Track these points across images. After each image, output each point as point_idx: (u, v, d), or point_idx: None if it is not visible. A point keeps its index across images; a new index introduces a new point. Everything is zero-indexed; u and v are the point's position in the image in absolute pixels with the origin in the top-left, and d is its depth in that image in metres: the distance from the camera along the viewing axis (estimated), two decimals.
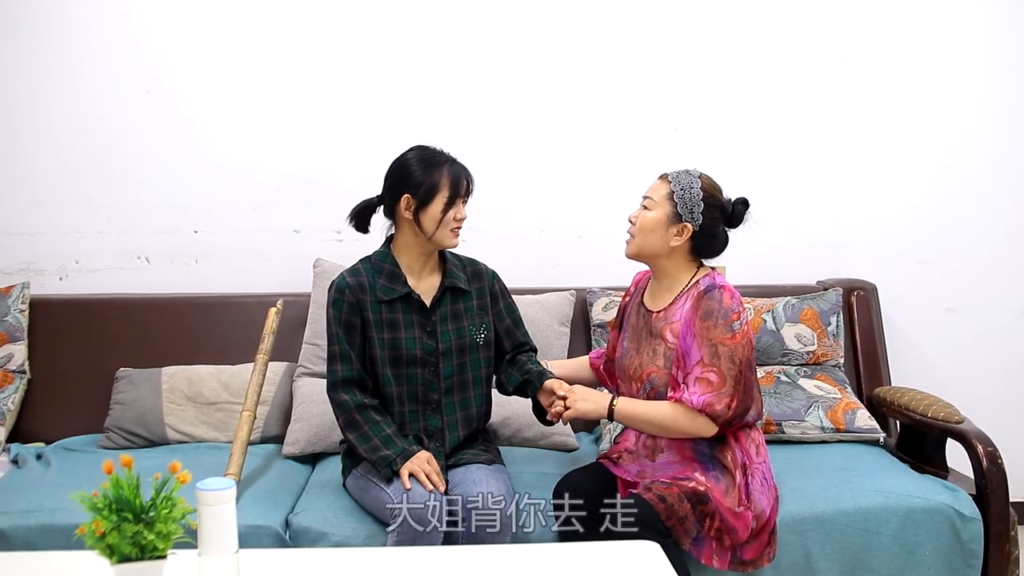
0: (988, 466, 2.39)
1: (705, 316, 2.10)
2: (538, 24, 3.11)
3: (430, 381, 2.28)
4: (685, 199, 2.16)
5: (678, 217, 2.16)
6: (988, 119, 3.24)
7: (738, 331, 2.10)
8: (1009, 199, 3.26)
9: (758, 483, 2.18)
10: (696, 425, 2.12)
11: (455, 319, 2.31)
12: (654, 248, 2.20)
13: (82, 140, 3.06)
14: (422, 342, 2.27)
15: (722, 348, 2.08)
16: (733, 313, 2.11)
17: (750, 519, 2.13)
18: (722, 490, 2.13)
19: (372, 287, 2.26)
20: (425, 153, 2.27)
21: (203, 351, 2.89)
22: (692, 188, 2.16)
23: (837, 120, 3.22)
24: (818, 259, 3.21)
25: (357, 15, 3.08)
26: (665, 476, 2.17)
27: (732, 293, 2.15)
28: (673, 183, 2.18)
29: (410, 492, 2.08)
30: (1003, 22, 3.22)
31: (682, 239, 2.18)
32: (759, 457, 2.22)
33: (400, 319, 2.27)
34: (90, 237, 3.08)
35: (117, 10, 3.04)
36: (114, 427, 2.71)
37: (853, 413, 2.74)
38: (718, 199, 2.20)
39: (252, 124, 3.09)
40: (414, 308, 2.28)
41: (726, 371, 2.07)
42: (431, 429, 2.29)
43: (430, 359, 2.27)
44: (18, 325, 2.86)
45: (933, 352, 3.25)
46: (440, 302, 2.30)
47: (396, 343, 2.25)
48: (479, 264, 2.43)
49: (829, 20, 3.19)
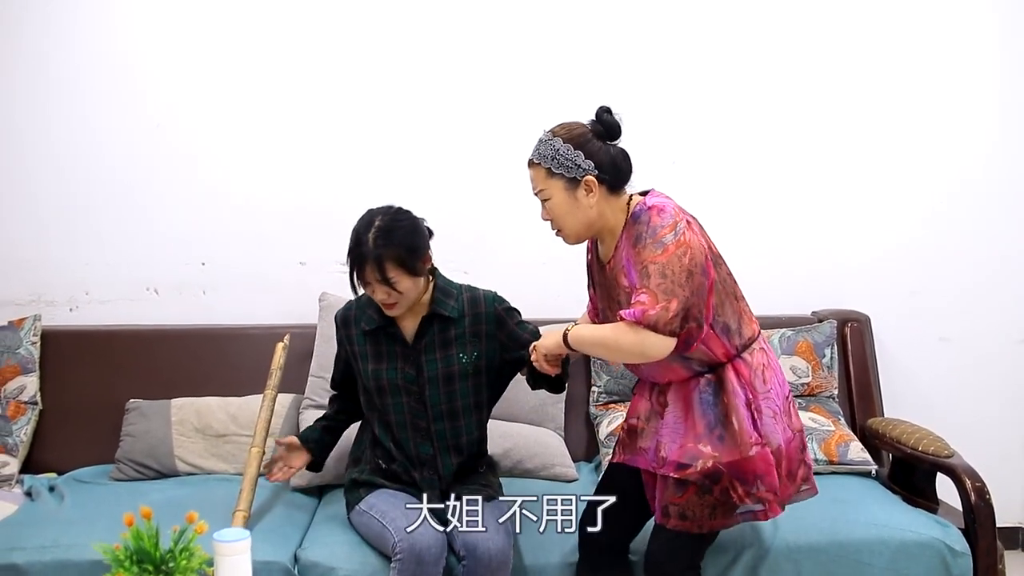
0: (976, 501, 2.46)
1: (635, 242, 2.01)
2: (538, 64, 3.18)
3: (417, 409, 2.34)
4: (562, 163, 2.03)
5: (574, 181, 2.04)
6: (979, 153, 3.31)
7: (670, 244, 1.95)
8: (1000, 230, 3.33)
9: (768, 416, 2.06)
10: (642, 339, 1.93)
11: (443, 347, 2.34)
12: (583, 220, 2.07)
13: (92, 173, 3.13)
14: (403, 372, 2.33)
15: (652, 267, 1.95)
16: (661, 229, 1.97)
17: (769, 456, 2.03)
18: (732, 448, 2.03)
19: (358, 320, 2.38)
20: (359, 223, 2.27)
21: (211, 382, 2.95)
22: (559, 149, 2.03)
23: (832, 154, 3.29)
24: (813, 289, 3.27)
25: (363, 51, 3.15)
26: (674, 453, 2.07)
27: (661, 208, 2.01)
28: (542, 161, 2.06)
29: (412, 532, 2.13)
30: (992, 61, 3.30)
31: (594, 192, 2.04)
32: (766, 385, 2.08)
33: (383, 350, 2.35)
34: (100, 269, 3.15)
35: (126, 47, 3.11)
36: (125, 459, 2.78)
37: (846, 445, 2.81)
38: (585, 132, 2.07)
39: (259, 158, 3.16)
40: (397, 339, 2.34)
41: (656, 287, 1.92)
42: (424, 456, 2.35)
43: (413, 388, 2.33)
44: (30, 357, 2.92)
45: (926, 381, 3.31)
46: (424, 332, 2.34)
47: (378, 373, 2.34)
48: (477, 291, 2.42)
49: (823, 56, 3.26)
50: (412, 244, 2.24)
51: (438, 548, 2.14)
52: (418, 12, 3.16)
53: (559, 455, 2.86)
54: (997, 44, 3.30)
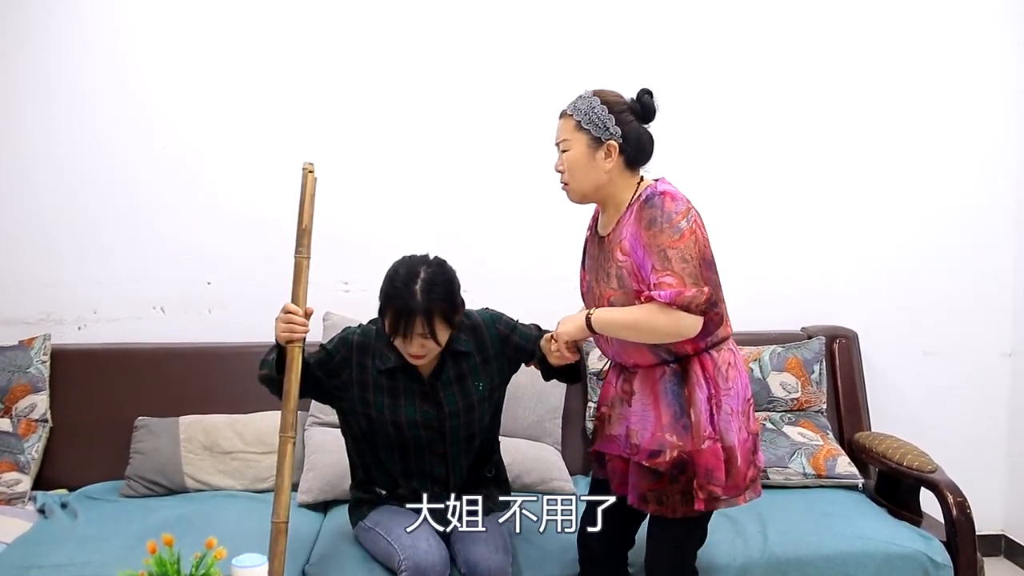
0: (958, 515, 2.57)
1: (649, 224, 2.04)
2: (536, 80, 3.25)
3: (435, 439, 2.33)
4: (594, 120, 2.09)
5: (598, 141, 2.10)
6: (964, 174, 3.43)
7: (685, 230, 2.02)
8: (983, 248, 3.45)
9: (726, 412, 2.11)
10: (673, 320, 2.01)
11: (460, 381, 2.34)
12: (593, 181, 2.13)
13: (99, 194, 3.20)
14: (423, 411, 2.30)
15: (671, 251, 2.01)
16: (676, 215, 2.03)
17: (720, 452, 2.09)
18: (695, 438, 2.08)
19: (376, 353, 2.30)
20: (398, 273, 2.21)
21: (218, 399, 3.03)
22: (594, 108, 2.10)
23: (821, 175, 3.40)
24: (803, 306, 3.37)
25: (367, 71, 3.23)
26: (646, 441, 2.12)
27: (674, 195, 2.08)
28: (575, 113, 2.12)
29: (415, 548, 2.20)
30: (975, 82, 3.41)
31: (613, 158, 2.10)
32: (728, 383, 2.13)
33: (400, 388, 2.30)
34: (108, 288, 3.22)
35: (132, 68, 3.18)
36: (135, 476, 2.85)
37: (834, 459, 2.90)
38: (623, 103, 2.13)
39: (263, 178, 3.23)
40: (415, 378, 2.30)
41: (680, 271, 2.00)
42: (436, 475, 2.37)
43: (433, 423, 2.32)
44: (40, 376, 2.99)
45: (912, 395, 3.43)
46: (442, 370, 2.33)
47: (396, 411, 2.30)
48: (473, 316, 2.40)
49: (809, 79, 3.37)
50: (455, 298, 2.24)
51: (442, 566, 2.22)
52: (421, 31, 3.24)
53: (557, 469, 2.94)
54: (972, 70, 3.41)
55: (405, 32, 3.24)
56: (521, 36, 3.28)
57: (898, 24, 3.37)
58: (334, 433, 2.88)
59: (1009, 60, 3.40)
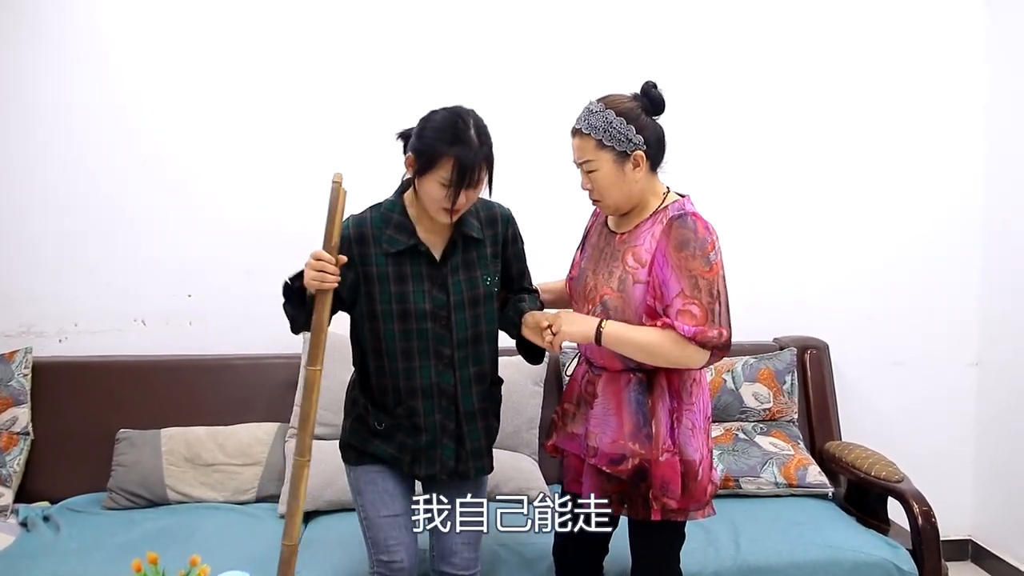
0: (923, 524, 2.64)
1: (681, 246, 2.02)
2: (528, 86, 3.31)
3: (442, 335, 2.16)
4: (615, 136, 2.06)
5: (623, 155, 2.07)
6: (929, 191, 3.51)
7: (714, 262, 2.03)
8: (949, 261, 3.53)
9: (686, 427, 2.11)
10: (686, 353, 2.02)
11: (467, 269, 2.18)
12: (627, 193, 2.11)
13: (80, 207, 3.22)
14: (432, 295, 2.14)
15: (702, 281, 2.01)
16: (708, 244, 2.03)
17: (677, 465, 2.09)
18: (655, 448, 2.09)
19: (378, 239, 2.13)
20: (450, 120, 2.04)
21: (199, 412, 3.06)
22: (611, 122, 2.06)
23: (793, 191, 3.47)
24: (776, 317, 3.44)
25: (348, 86, 3.26)
26: (606, 446, 2.12)
27: (705, 224, 2.06)
28: (592, 132, 2.07)
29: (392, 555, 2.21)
30: (945, 102, 3.50)
31: (641, 166, 2.08)
32: (691, 399, 2.13)
33: (408, 271, 2.14)
34: (89, 300, 3.24)
35: (115, 84, 3.21)
36: (117, 488, 2.88)
37: (805, 469, 2.97)
38: (635, 107, 2.09)
39: (244, 192, 3.27)
40: (423, 260, 2.15)
41: (707, 305, 2.00)
42: (444, 387, 2.18)
43: (441, 313, 2.15)
44: (21, 389, 3.01)
45: (881, 403, 3.51)
46: (451, 253, 2.17)
47: (403, 297, 2.13)
48: (494, 207, 2.26)
49: (783, 94, 3.44)
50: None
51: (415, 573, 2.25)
52: (412, 45, 3.27)
53: (534, 479, 2.99)
54: (942, 91, 3.50)
55: (396, 44, 3.27)
56: (520, 38, 3.33)
57: (872, 51, 3.45)
58: (315, 445, 2.88)
59: (980, 85, 3.48)
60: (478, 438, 2.24)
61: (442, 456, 2.20)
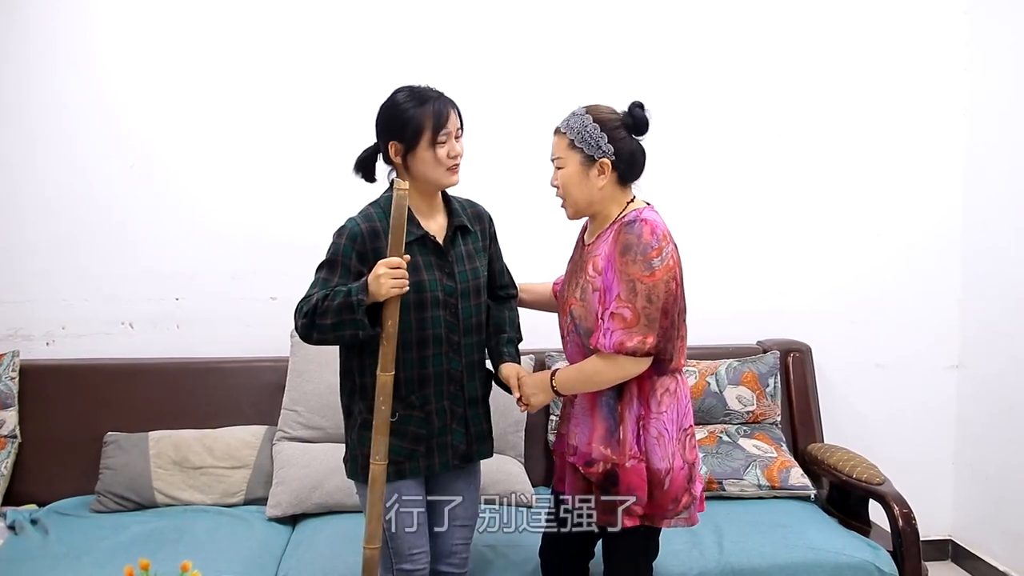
0: (903, 526, 2.68)
1: (624, 251, 2.07)
2: (519, 92, 3.33)
3: (452, 323, 2.21)
4: (586, 139, 2.13)
5: (590, 159, 2.14)
6: (912, 196, 3.55)
7: (657, 268, 2.05)
8: (931, 265, 3.57)
9: (653, 435, 2.14)
10: (623, 367, 2.08)
11: (469, 259, 2.27)
12: (587, 197, 2.17)
13: (68, 210, 3.22)
14: (442, 283, 2.20)
15: (640, 285, 2.04)
16: (652, 250, 2.06)
17: (644, 472, 2.13)
18: (622, 454, 2.14)
19: (386, 232, 2.09)
20: (409, 93, 2.17)
21: (187, 415, 3.07)
22: (587, 126, 2.13)
23: (778, 195, 3.51)
24: (759, 320, 3.48)
25: (334, 91, 3.27)
26: (583, 446, 2.19)
27: (654, 228, 2.09)
28: (568, 132, 2.16)
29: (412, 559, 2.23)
30: (925, 113, 3.55)
31: (606, 175, 2.14)
32: (660, 407, 2.16)
33: (419, 261, 2.17)
34: (76, 303, 3.25)
35: (103, 88, 3.21)
36: (105, 491, 2.88)
37: (787, 471, 3.01)
38: (616, 119, 2.16)
39: (231, 197, 3.28)
40: (430, 249, 2.20)
41: (641, 309, 2.03)
42: (453, 373, 2.23)
43: (450, 300, 2.21)
44: (9, 392, 3.02)
45: (863, 405, 3.55)
46: (453, 241, 2.25)
47: (420, 286, 2.15)
48: (478, 206, 2.38)
49: (766, 102, 3.47)
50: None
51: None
52: (399, 53, 3.27)
53: (520, 481, 3.02)
54: (922, 102, 3.54)
55: (374, 54, 3.28)
56: (518, 42, 3.34)
57: (855, 57, 3.49)
58: (302, 448, 2.95)
59: (960, 92, 3.52)
60: (480, 422, 2.31)
61: (453, 441, 2.24)
